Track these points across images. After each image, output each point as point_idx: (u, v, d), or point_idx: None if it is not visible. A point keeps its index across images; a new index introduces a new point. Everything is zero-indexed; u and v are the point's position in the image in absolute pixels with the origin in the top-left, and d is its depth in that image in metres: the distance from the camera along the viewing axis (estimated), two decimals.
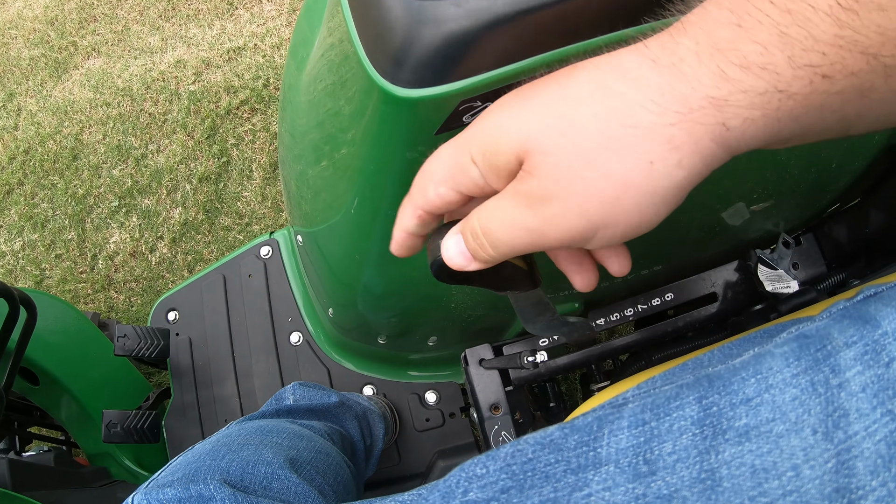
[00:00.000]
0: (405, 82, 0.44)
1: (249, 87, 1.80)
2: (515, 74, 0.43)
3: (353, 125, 0.56)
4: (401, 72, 0.44)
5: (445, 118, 0.46)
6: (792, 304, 0.76)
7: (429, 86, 0.43)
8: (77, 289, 1.64)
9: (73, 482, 1.05)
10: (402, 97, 0.44)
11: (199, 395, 1.14)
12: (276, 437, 0.68)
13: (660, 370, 0.62)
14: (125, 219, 1.70)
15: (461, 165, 0.36)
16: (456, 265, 0.38)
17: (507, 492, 0.37)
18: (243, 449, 0.63)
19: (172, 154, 1.75)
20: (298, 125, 0.73)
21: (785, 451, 0.33)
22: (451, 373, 1.13)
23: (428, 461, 1.09)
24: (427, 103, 0.44)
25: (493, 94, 0.44)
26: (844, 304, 0.41)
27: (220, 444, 0.65)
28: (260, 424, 0.72)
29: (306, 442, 0.71)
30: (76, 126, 1.82)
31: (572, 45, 0.42)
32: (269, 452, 0.64)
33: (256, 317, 1.17)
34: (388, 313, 0.85)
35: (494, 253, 0.35)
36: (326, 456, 0.71)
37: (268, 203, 1.68)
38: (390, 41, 0.43)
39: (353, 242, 0.71)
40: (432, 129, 0.47)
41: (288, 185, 0.84)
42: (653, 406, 0.38)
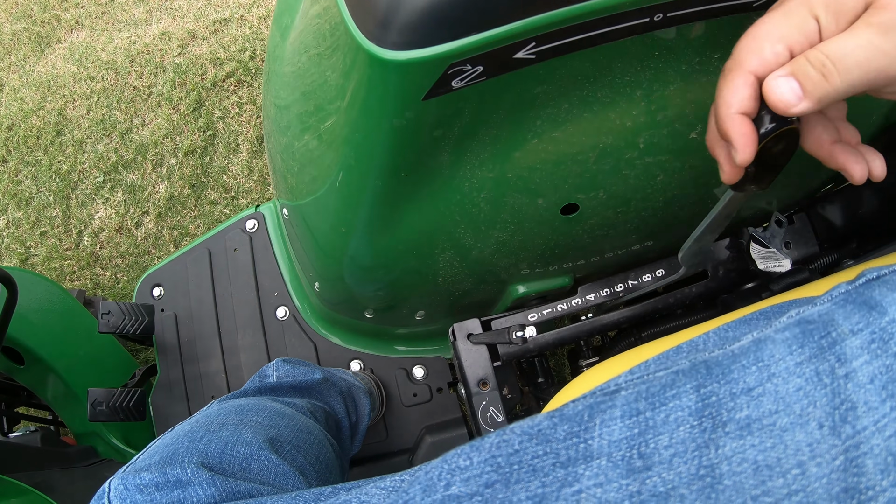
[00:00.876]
0: (392, 45, 0.41)
1: (236, 59, 1.74)
2: (508, 36, 0.39)
3: (339, 93, 0.53)
4: (388, 34, 0.41)
5: (434, 82, 0.43)
6: (784, 283, 0.73)
7: (417, 48, 0.40)
8: (63, 266, 1.60)
9: (59, 462, 1.02)
10: (389, 60, 0.42)
11: (185, 371, 1.11)
12: (257, 416, 0.65)
13: (650, 349, 0.60)
14: (110, 194, 1.65)
15: (798, 22, 0.37)
16: (785, 102, 0.37)
17: (492, 486, 0.33)
18: (222, 430, 0.61)
19: (157, 128, 1.70)
20: (283, 96, 0.69)
21: (790, 446, 0.30)
22: (439, 348, 1.10)
23: (415, 436, 1.06)
24: (415, 67, 0.41)
25: (483, 56, 0.40)
26: (846, 288, 0.37)
27: (198, 424, 0.62)
28: (240, 403, 0.69)
29: (287, 420, 0.68)
30: (60, 101, 1.76)
31: (568, 7, 0.38)
32: (248, 432, 0.61)
33: (242, 291, 1.14)
34: (375, 286, 0.82)
35: (841, 82, 0.36)
36: (308, 434, 0.68)
37: (254, 176, 1.64)
38: (377, 3, 0.40)
39: (339, 214, 0.68)
40: (420, 94, 0.44)
41: (273, 158, 0.80)
42: (647, 394, 0.35)
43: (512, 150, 0.54)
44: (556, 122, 0.51)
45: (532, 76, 0.45)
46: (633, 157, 0.57)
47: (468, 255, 0.70)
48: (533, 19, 0.38)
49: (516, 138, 0.52)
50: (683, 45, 0.48)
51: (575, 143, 0.54)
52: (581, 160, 0.56)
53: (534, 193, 0.59)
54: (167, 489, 0.52)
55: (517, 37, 0.39)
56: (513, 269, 0.75)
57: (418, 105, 0.45)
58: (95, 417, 0.96)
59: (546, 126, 0.52)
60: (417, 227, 0.64)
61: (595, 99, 0.50)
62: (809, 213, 0.79)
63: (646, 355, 0.59)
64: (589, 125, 0.52)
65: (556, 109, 0.50)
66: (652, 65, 0.48)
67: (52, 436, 1.07)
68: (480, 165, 0.55)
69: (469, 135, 0.51)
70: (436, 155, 0.53)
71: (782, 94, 0.37)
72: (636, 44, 0.45)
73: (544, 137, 0.53)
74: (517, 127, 0.51)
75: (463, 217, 0.62)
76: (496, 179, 0.57)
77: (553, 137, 0.53)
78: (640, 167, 0.58)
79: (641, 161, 0.57)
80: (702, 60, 0.50)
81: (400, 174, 0.55)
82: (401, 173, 0.55)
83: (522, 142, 0.53)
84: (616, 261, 0.78)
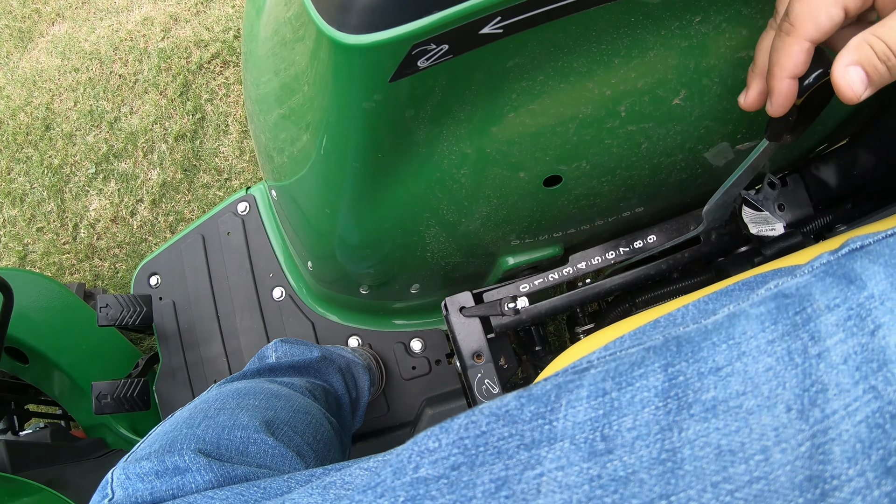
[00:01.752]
0: (353, 28, 0.39)
1: (220, 39, 1.70)
2: (472, 13, 0.37)
3: (308, 78, 0.51)
4: (347, 17, 0.39)
5: (398, 64, 0.40)
6: (777, 247, 0.71)
7: (378, 30, 0.38)
8: (61, 260, 1.58)
9: (70, 456, 1.02)
10: (351, 45, 0.40)
11: (186, 357, 1.10)
12: (253, 400, 0.65)
13: (645, 317, 0.58)
14: (103, 185, 1.63)
15: None
16: (855, 93, 0.38)
17: (458, 468, 0.32)
18: (219, 414, 0.60)
19: (146, 115, 1.67)
20: (260, 77, 0.67)
21: (755, 430, 0.28)
22: (436, 320, 1.09)
23: (416, 409, 1.06)
24: (377, 49, 0.39)
25: (447, 34, 0.38)
26: (828, 258, 0.35)
27: (196, 410, 0.62)
28: (238, 387, 0.68)
29: (284, 402, 0.67)
30: (46, 95, 1.72)
31: None
32: (244, 416, 0.60)
33: (238, 275, 1.12)
34: (366, 263, 0.81)
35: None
36: (305, 414, 0.67)
37: (246, 157, 1.61)
38: None
39: (322, 196, 0.66)
40: (386, 76, 0.42)
41: (257, 139, 0.78)
42: (615, 373, 0.33)
43: (489, 124, 0.51)
44: (532, 95, 0.49)
45: (502, 50, 0.43)
46: (615, 126, 0.54)
47: (454, 230, 0.68)
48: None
49: (492, 113, 0.50)
50: (662, 10, 0.45)
51: (553, 115, 0.52)
52: (561, 132, 0.53)
53: (515, 167, 0.57)
54: (167, 476, 0.52)
55: (481, 12, 0.37)
56: (501, 241, 0.74)
57: (386, 87, 0.43)
58: (101, 410, 0.95)
59: (522, 99, 0.49)
60: (401, 204, 0.62)
61: (571, 69, 0.48)
62: (803, 174, 0.77)
63: (639, 323, 0.57)
64: (566, 96, 0.50)
65: (531, 82, 0.48)
66: (629, 31, 0.46)
67: (61, 431, 1.06)
68: (458, 142, 0.53)
69: (443, 112, 0.49)
70: (411, 134, 0.51)
71: (853, 85, 0.38)
72: (611, 11, 0.43)
73: (521, 111, 0.51)
74: (492, 102, 0.49)
75: (445, 194, 0.60)
76: (475, 155, 0.55)
77: (530, 110, 0.51)
78: (622, 136, 0.56)
79: (624, 129, 0.55)
80: (682, 24, 0.47)
81: (377, 155, 0.53)
82: (377, 154, 0.53)
83: (499, 116, 0.51)
84: (607, 228, 0.76)
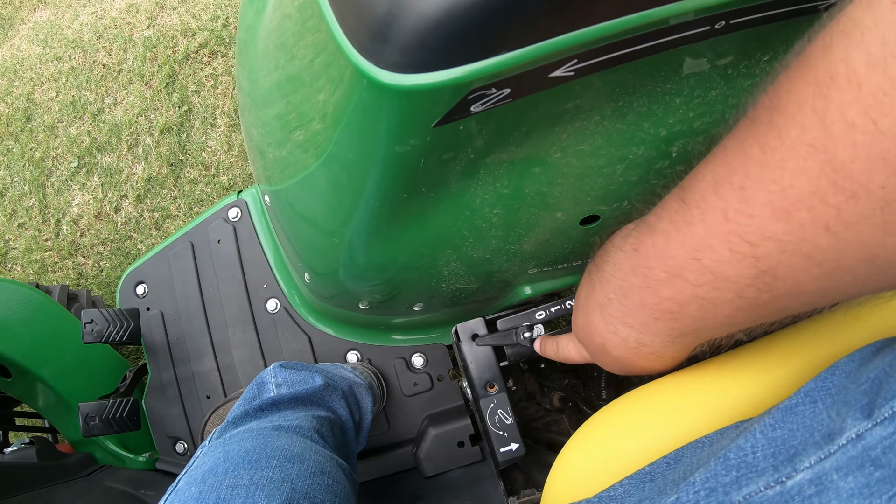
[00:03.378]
0: (393, 65, 0.30)
1: (208, 28, 1.60)
2: (549, 54, 0.29)
3: (325, 104, 0.42)
4: (385, 51, 0.30)
5: (448, 109, 0.32)
6: None
7: (425, 70, 0.30)
8: (44, 258, 1.48)
9: (59, 476, 0.94)
10: (390, 86, 0.31)
11: (177, 372, 1.02)
12: (266, 470, 0.57)
13: (666, 383, 0.52)
14: (86, 179, 1.53)
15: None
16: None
17: None
18: (233, 497, 0.52)
19: (130, 106, 1.56)
20: (257, 76, 0.58)
21: None
22: (438, 335, 1.02)
23: (418, 427, 0.99)
24: (426, 93, 0.30)
25: (515, 77, 0.31)
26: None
27: (206, 487, 0.54)
28: (246, 449, 0.60)
29: (298, 465, 0.59)
30: (27, 85, 1.61)
31: (627, 16, 0.29)
32: (262, 499, 0.52)
33: (229, 285, 1.04)
34: (371, 283, 0.73)
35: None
36: (322, 476, 0.60)
37: (234, 151, 1.52)
38: (370, 6, 0.29)
39: (329, 226, 0.59)
40: (430, 121, 0.34)
41: (249, 133, 0.70)
42: None
43: (532, 165, 0.44)
44: (585, 136, 0.42)
45: (566, 92, 0.35)
46: (664, 167, 0.48)
47: (475, 266, 0.61)
48: (581, 33, 0.29)
49: (538, 154, 0.43)
50: (735, 49, 0.38)
51: (603, 156, 0.45)
52: (608, 172, 0.47)
53: (553, 208, 0.50)
54: None
55: (559, 53, 0.29)
56: (521, 272, 0.67)
57: (427, 132, 0.35)
58: (89, 433, 0.87)
59: (573, 140, 0.42)
60: (420, 241, 0.55)
61: (630, 109, 0.41)
62: None
63: (664, 392, 0.51)
64: (620, 136, 0.43)
65: (586, 122, 0.41)
66: (697, 71, 0.39)
67: (48, 447, 0.98)
68: (494, 182, 0.46)
69: (484, 154, 0.42)
70: (444, 175, 0.44)
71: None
72: (688, 51, 0.36)
73: (569, 151, 0.43)
74: (540, 143, 0.42)
75: (471, 232, 0.53)
76: (512, 195, 0.48)
77: (579, 151, 0.44)
78: (669, 176, 0.49)
79: (672, 170, 0.48)
80: (749, 63, 0.40)
81: (402, 195, 0.46)
82: (403, 195, 0.46)
83: (544, 157, 0.44)
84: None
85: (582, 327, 0.48)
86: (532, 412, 0.94)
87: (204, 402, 1.01)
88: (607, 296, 0.43)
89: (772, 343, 0.51)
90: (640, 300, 0.40)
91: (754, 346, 0.52)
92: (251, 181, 1.50)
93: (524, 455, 0.72)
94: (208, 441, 0.67)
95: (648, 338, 0.41)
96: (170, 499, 0.55)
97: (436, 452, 0.92)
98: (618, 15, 0.28)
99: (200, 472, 0.57)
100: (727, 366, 0.51)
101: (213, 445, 0.64)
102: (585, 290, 0.48)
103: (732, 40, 0.38)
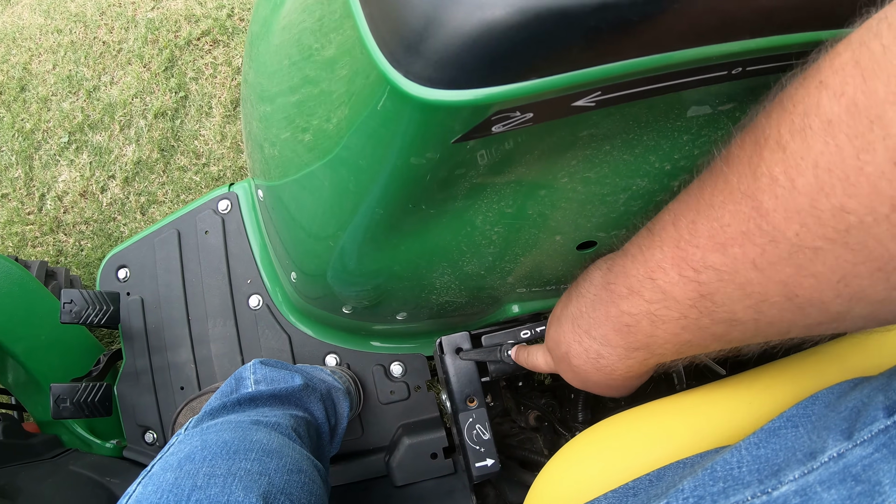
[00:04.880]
0: (422, 79, 0.30)
1: (212, 16, 1.60)
2: (577, 84, 0.30)
3: (339, 105, 0.43)
4: (415, 63, 0.30)
5: (471, 127, 0.33)
6: None
7: (456, 88, 0.30)
8: (24, 231, 1.47)
9: (23, 456, 0.92)
10: (416, 98, 0.31)
11: (152, 360, 1.01)
12: (245, 462, 0.56)
13: (644, 412, 0.54)
14: (75, 156, 1.51)
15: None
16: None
17: None
18: (210, 485, 0.52)
19: (127, 87, 1.56)
20: (266, 68, 0.58)
21: None
22: (418, 345, 1.02)
23: (392, 435, 1.00)
24: (451, 110, 0.31)
25: (539, 103, 0.31)
26: (884, 424, 0.32)
27: (182, 473, 0.53)
28: (225, 440, 0.59)
29: (276, 461, 0.59)
30: (25, 54, 1.60)
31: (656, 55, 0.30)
32: (239, 489, 0.52)
33: (213, 277, 1.04)
34: (359, 289, 0.74)
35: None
36: (299, 474, 0.60)
37: (227, 143, 1.52)
38: (407, 18, 0.29)
39: (325, 228, 0.59)
40: (450, 137, 0.34)
41: (248, 125, 0.70)
42: None
43: (538, 188, 0.45)
44: (593, 164, 0.43)
45: (583, 121, 0.36)
46: (665, 200, 0.48)
47: (468, 280, 0.62)
48: (610, 67, 0.29)
49: (546, 177, 0.44)
50: (744, 93, 0.40)
51: (607, 185, 0.46)
52: (610, 201, 0.48)
53: (553, 231, 0.51)
54: None
55: (586, 85, 0.30)
56: (511, 290, 0.68)
57: (445, 148, 0.36)
58: (59, 415, 0.86)
59: (581, 167, 0.43)
60: (416, 252, 0.56)
61: (639, 142, 0.42)
62: None
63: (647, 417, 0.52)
64: (626, 168, 0.44)
65: (596, 151, 0.42)
66: (708, 112, 0.40)
67: (14, 426, 0.96)
68: (500, 201, 0.47)
69: (495, 172, 0.42)
70: (452, 189, 0.44)
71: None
72: (706, 91, 0.37)
73: (576, 177, 0.44)
74: (550, 167, 0.43)
75: (470, 248, 0.54)
76: (515, 215, 0.48)
77: (585, 178, 0.45)
78: None
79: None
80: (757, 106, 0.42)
81: (407, 206, 0.47)
82: (408, 205, 0.46)
83: (552, 181, 0.44)
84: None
85: (552, 337, 0.53)
86: (506, 429, 0.94)
87: (177, 393, 1.00)
88: (580, 309, 0.49)
89: (756, 376, 0.53)
90: (605, 312, 0.45)
91: (738, 379, 0.54)
92: (241, 174, 1.50)
93: (499, 471, 0.73)
94: (184, 430, 0.67)
95: (607, 350, 0.46)
96: (143, 482, 0.54)
97: (408, 462, 0.92)
98: (646, 53, 0.29)
99: (176, 458, 0.57)
100: (710, 395, 0.53)
101: (189, 434, 0.64)
102: (562, 304, 0.53)
103: (744, 85, 0.39)
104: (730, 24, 0.30)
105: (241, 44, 1.57)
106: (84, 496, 0.90)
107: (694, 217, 0.36)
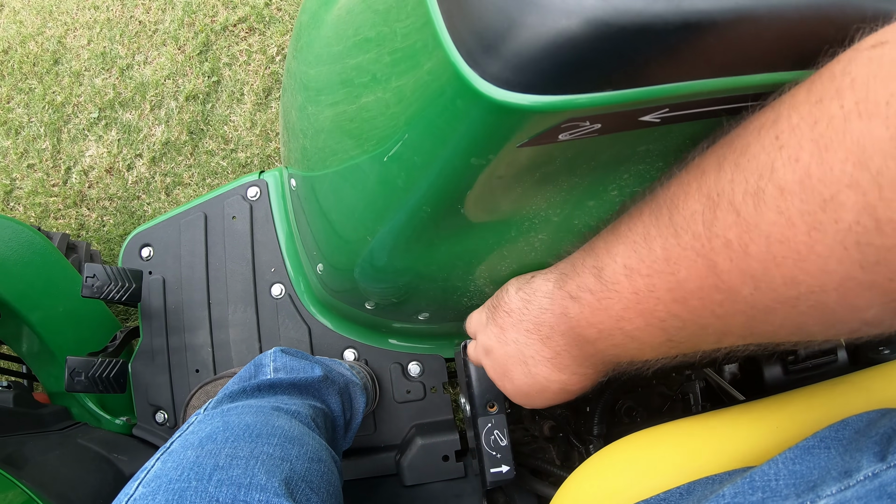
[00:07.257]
0: (498, 80, 0.31)
1: (250, 3, 1.62)
2: (650, 99, 0.31)
3: (399, 101, 0.43)
4: (492, 63, 0.31)
5: (539, 133, 0.34)
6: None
7: (530, 92, 0.30)
8: (48, 202, 1.49)
9: (32, 426, 0.94)
10: (490, 99, 0.32)
11: (169, 340, 1.03)
12: (267, 446, 0.57)
13: (665, 431, 0.54)
14: (104, 132, 1.53)
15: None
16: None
17: None
18: (232, 466, 0.52)
19: (160, 67, 1.58)
20: (316, 71, 0.59)
21: None
22: (434, 346, 1.03)
23: (404, 434, 1.01)
24: (524, 114, 0.31)
25: (609, 115, 0.32)
26: None
27: (204, 453, 0.54)
28: (247, 423, 0.60)
29: (298, 448, 0.60)
30: (60, 28, 1.62)
31: (719, 78, 0.30)
32: (261, 473, 0.53)
33: (237, 263, 1.05)
34: (386, 285, 0.75)
35: None
36: (319, 463, 0.61)
37: (256, 130, 1.53)
38: (489, 18, 0.30)
39: (365, 221, 0.59)
40: (517, 141, 0.35)
41: (287, 115, 0.71)
42: None
43: (588, 198, 0.46)
44: (644, 179, 0.44)
45: (645, 136, 0.37)
46: None
47: (501, 285, 0.63)
48: (683, 85, 0.30)
49: (597, 189, 0.45)
50: None
51: None
52: None
53: None
54: None
55: (657, 101, 0.31)
56: None
57: (509, 151, 0.37)
58: (73, 388, 0.88)
59: (632, 180, 0.44)
60: (454, 253, 0.57)
61: (687, 160, 0.43)
62: None
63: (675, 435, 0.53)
64: None
65: (649, 167, 0.43)
66: None
67: (25, 394, 0.98)
68: (548, 209, 0.48)
69: (549, 180, 0.44)
70: (505, 194, 0.45)
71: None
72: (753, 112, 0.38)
73: (626, 191, 0.45)
74: (603, 178, 0.44)
75: (511, 253, 0.55)
76: (561, 223, 0.49)
77: (634, 192, 0.46)
78: None
79: None
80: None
81: (456, 206, 0.48)
82: (457, 206, 0.47)
83: (602, 192, 0.46)
84: None
85: (495, 336, 0.58)
86: (518, 436, 0.95)
87: (192, 375, 1.02)
88: (539, 327, 0.51)
89: (782, 401, 0.54)
90: (571, 342, 0.48)
91: (764, 403, 0.54)
92: (269, 163, 1.51)
93: (513, 479, 0.74)
94: (203, 410, 0.68)
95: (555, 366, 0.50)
96: (162, 458, 0.55)
97: (419, 462, 0.93)
98: (720, 75, 0.30)
99: (197, 437, 0.58)
100: (736, 416, 0.54)
101: (209, 414, 0.65)
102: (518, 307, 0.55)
103: None
104: (800, 54, 0.31)
105: (277, 33, 1.58)
106: (90, 470, 0.92)
107: (649, 271, 0.37)
